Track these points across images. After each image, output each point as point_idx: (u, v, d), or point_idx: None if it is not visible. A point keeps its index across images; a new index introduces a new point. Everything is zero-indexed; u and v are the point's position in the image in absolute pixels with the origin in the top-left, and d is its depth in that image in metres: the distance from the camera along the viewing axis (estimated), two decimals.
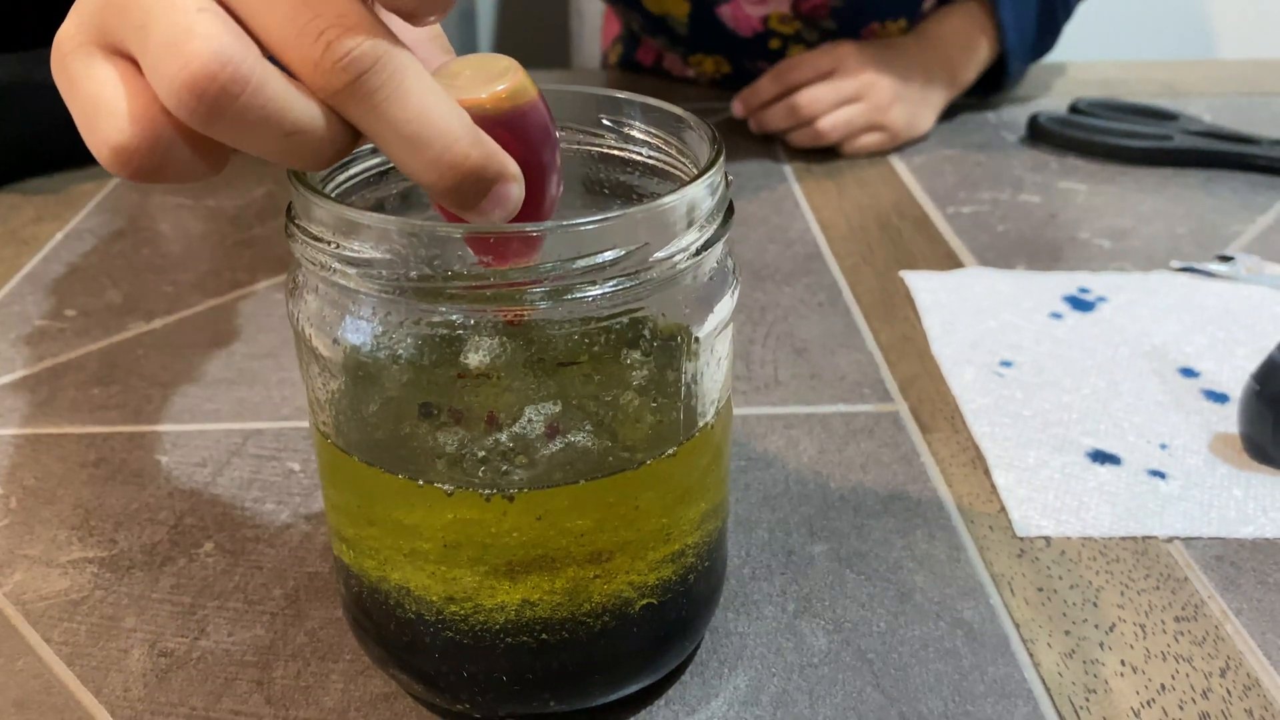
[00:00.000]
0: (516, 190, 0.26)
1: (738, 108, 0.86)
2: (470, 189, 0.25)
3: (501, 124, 0.26)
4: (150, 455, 0.48)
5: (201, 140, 0.25)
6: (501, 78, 0.27)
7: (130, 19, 0.24)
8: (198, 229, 0.71)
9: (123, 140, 0.25)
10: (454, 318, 0.28)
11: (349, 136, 0.25)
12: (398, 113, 0.24)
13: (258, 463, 0.47)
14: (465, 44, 1.76)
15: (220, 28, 0.23)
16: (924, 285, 0.62)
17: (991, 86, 0.90)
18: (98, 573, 0.41)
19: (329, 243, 0.27)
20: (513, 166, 0.26)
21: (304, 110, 0.24)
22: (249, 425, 0.50)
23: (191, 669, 0.36)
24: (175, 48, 0.23)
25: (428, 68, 0.26)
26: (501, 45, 1.83)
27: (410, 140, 0.24)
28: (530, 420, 0.29)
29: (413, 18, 0.26)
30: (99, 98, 0.25)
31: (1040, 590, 0.40)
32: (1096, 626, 0.38)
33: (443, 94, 0.25)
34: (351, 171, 0.32)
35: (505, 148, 0.26)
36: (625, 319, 0.28)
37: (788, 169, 0.81)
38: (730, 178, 0.30)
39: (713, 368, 0.31)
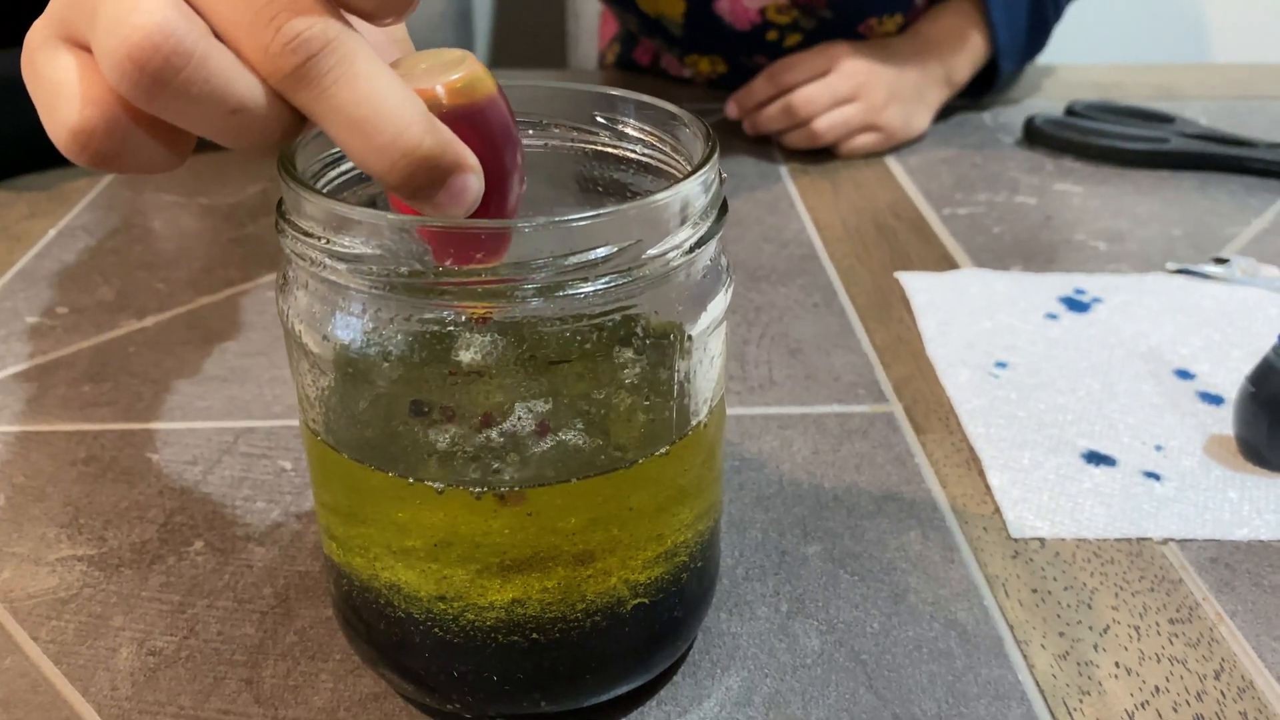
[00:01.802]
0: (475, 183, 0.25)
1: (732, 109, 0.86)
2: (424, 178, 0.25)
3: (460, 119, 0.26)
4: (141, 453, 0.47)
5: (157, 124, 0.25)
6: (456, 68, 0.26)
7: (85, 6, 0.24)
8: (190, 226, 0.71)
9: (78, 122, 0.25)
10: (445, 314, 0.27)
11: (296, 117, 0.25)
12: (347, 95, 0.24)
13: (249, 461, 0.47)
14: (462, 44, 1.76)
15: (166, 3, 0.23)
16: (919, 286, 0.62)
17: (984, 87, 0.90)
18: (86, 571, 0.40)
19: (319, 238, 0.27)
20: (471, 158, 0.25)
21: (249, 88, 0.24)
22: (240, 423, 0.49)
23: (180, 668, 0.36)
24: (120, 22, 0.23)
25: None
26: (498, 45, 1.83)
27: (360, 125, 0.24)
28: (521, 418, 0.28)
29: (371, 18, 0.25)
30: (58, 84, 0.25)
31: (1034, 592, 0.40)
32: (1091, 628, 0.38)
33: (397, 80, 0.24)
34: (343, 168, 0.31)
35: (465, 143, 0.25)
36: (618, 316, 0.28)
37: (783, 170, 0.81)
38: (724, 175, 0.30)
39: (706, 366, 0.31)
